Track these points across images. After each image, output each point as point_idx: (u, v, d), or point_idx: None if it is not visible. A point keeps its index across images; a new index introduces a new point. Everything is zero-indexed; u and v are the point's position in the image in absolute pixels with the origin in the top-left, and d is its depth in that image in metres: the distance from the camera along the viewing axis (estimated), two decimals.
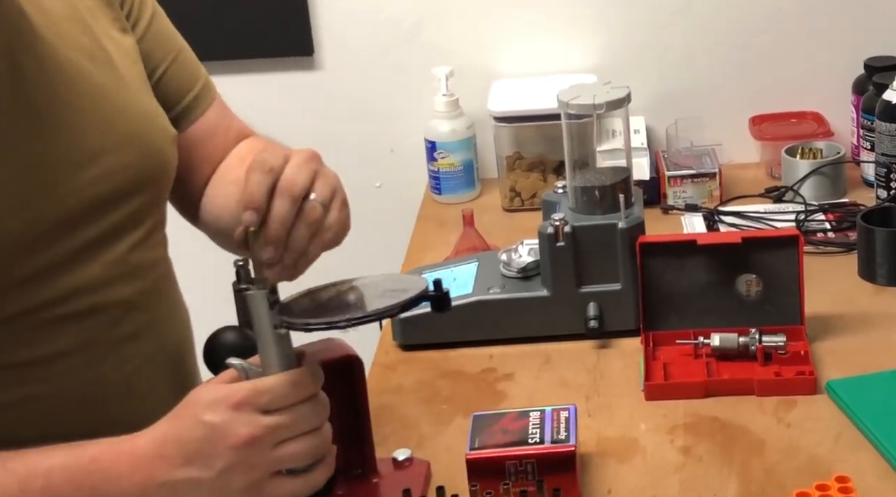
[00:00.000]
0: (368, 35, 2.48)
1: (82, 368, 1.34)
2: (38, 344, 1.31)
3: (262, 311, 1.22)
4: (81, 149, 1.33)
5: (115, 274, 1.37)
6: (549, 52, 2.46)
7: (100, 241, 1.35)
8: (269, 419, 1.20)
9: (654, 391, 1.68)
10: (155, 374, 1.42)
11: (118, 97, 1.39)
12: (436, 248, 2.20)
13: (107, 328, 1.36)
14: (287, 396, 1.20)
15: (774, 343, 1.72)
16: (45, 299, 1.30)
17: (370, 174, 2.54)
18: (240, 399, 1.19)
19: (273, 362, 1.23)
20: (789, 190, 2.26)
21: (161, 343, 1.44)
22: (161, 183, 1.45)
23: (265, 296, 1.22)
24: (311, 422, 1.22)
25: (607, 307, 1.82)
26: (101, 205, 1.35)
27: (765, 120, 2.44)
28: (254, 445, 1.19)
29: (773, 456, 1.54)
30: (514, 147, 2.37)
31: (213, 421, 1.19)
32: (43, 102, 1.31)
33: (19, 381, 1.31)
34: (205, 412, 1.20)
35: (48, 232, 1.30)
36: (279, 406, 1.20)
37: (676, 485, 1.50)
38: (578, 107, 1.83)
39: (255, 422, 1.19)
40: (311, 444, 1.22)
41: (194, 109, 1.55)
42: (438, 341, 1.85)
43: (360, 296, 1.27)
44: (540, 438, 1.45)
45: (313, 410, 1.23)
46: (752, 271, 1.78)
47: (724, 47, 2.43)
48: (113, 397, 1.37)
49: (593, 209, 1.84)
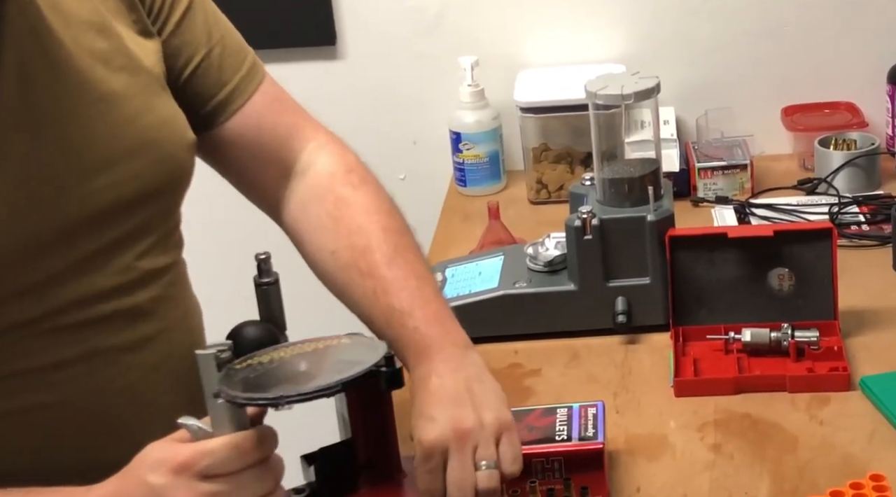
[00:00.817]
0: (392, 24, 2.48)
1: (84, 378, 1.33)
2: (39, 353, 1.30)
3: (209, 372, 1.19)
4: (88, 158, 1.32)
5: (122, 283, 1.36)
6: (577, 41, 2.45)
7: (106, 251, 1.34)
8: (207, 486, 1.16)
9: (683, 387, 1.68)
10: (160, 383, 1.41)
11: (132, 103, 1.37)
12: (461, 241, 2.19)
13: (110, 337, 1.35)
14: (229, 461, 1.17)
15: (807, 338, 1.71)
16: (48, 309, 1.30)
17: (393, 166, 2.54)
18: (179, 462, 1.17)
19: (222, 424, 1.19)
20: (822, 182, 2.25)
21: (168, 350, 1.42)
22: (174, 192, 1.44)
23: (214, 358, 1.19)
24: (255, 489, 1.19)
25: (636, 301, 1.81)
26: (109, 214, 1.34)
27: (797, 110, 2.43)
28: None
29: (806, 454, 1.53)
30: (541, 138, 2.36)
31: (154, 483, 1.17)
32: (50, 111, 1.30)
33: (21, 391, 1.30)
34: (148, 473, 1.18)
35: (51, 242, 1.29)
36: (220, 471, 1.17)
37: (707, 483, 1.50)
38: (606, 97, 1.83)
39: (192, 488, 1.16)
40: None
41: (232, 102, 1.51)
42: None
43: (311, 366, 1.24)
44: (567, 435, 1.45)
45: (259, 477, 1.19)
46: (784, 265, 1.77)
47: (755, 35, 2.42)
48: (116, 407, 1.36)
49: (622, 202, 1.83)
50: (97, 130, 1.33)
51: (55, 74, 1.31)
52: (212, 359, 1.19)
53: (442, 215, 2.38)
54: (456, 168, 2.44)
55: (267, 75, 1.56)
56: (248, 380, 1.21)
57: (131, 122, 1.37)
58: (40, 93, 1.29)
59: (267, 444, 1.20)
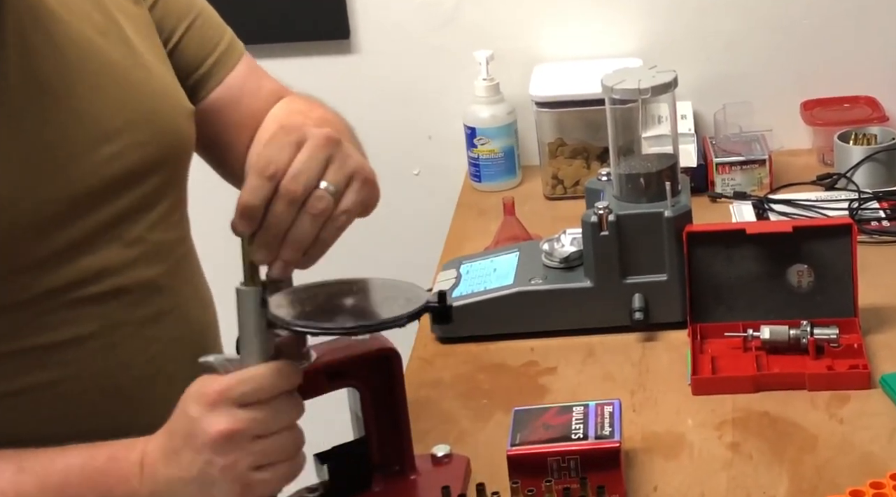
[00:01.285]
0: (407, 18, 2.48)
1: (104, 352, 1.35)
2: (58, 327, 1.32)
3: (251, 308, 1.21)
4: (95, 127, 1.34)
5: (136, 255, 1.38)
6: (593, 35, 2.45)
7: (117, 222, 1.36)
8: (245, 413, 1.19)
9: (701, 385, 1.68)
10: (179, 357, 1.42)
11: (132, 74, 1.39)
12: (475, 237, 2.19)
13: (129, 310, 1.37)
14: (264, 388, 1.20)
15: (827, 336, 1.71)
16: (65, 281, 1.31)
17: (408, 161, 2.54)
18: (217, 390, 1.19)
19: (253, 356, 1.22)
20: (842, 177, 2.24)
21: (185, 325, 1.45)
22: (178, 161, 1.46)
23: (256, 293, 1.21)
24: (289, 417, 1.22)
25: (653, 298, 1.81)
26: (117, 184, 1.35)
27: (817, 104, 2.42)
28: (231, 439, 1.19)
29: (826, 453, 1.53)
30: (557, 133, 2.36)
31: (194, 414, 1.20)
32: (54, 80, 1.31)
33: (41, 366, 1.31)
34: (189, 405, 1.21)
35: (63, 213, 1.30)
36: (255, 398, 1.20)
37: (725, 482, 1.49)
38: (623, 91, 1.82)
39: (231, 415, 1.19)
40: (289, 440, 1.22)
41: (215, 74, 1.54)
42: (478, 334, 1.85)
43: (359, 301, 1.26)
44: (583, 434, 1.45)
45: (290, 405, 1.22)
46: (803, 261, 1.76)
47: (774, 29, 2.41)
48: (137, 380, 1.37)
49: (638, 197, 1.83)
50: (101, 100, 1.35)
51: (55, 47, 1.32)
52: (255, 294, 1.21)
53: (456, 211, 2.38)
54: (471, 163, 2.44)
55: (245, 52, 1.59)
56: (301, 312, 1.22)
57: (133, 92, 1.39)
58: (42, 65, 1.31)
59: (294, 375, 1.23)
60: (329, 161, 1.21)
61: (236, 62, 1.56)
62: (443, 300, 1.26)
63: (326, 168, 1.21)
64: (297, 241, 1.20)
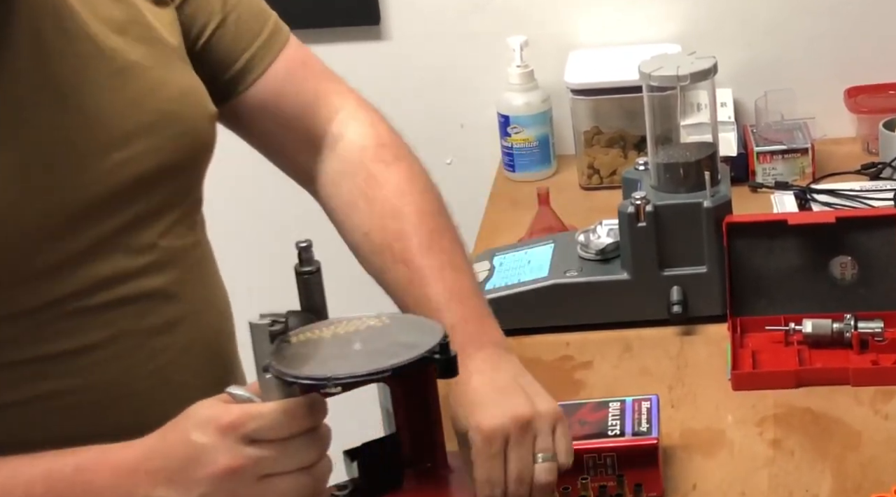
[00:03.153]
0: (438, 2, 2.48)
1: (111, 361, 1.34)
2: (65, 337, 1.31)
3: (261, 342, 1.19)
4: (108, 131, 1.32)
5: (146, 262, 1.36)
6: (630, 20, 2.45)
7: (127, 229, 1.34)
8: (253, 451, 1.16)
9: (742, 380, 1.67)
10: (191, 366, 1.41)
11: (151, 75, 1.37)
12: (509, 228, 2.19)
13: (136, 319, 1.35)
14: (278, 427, 1.16)
15: (871, 329, 1.71)
16: (71, 290, 1.30)
17: (440, 150, 2.54)
18: (227, 422, 1.16)
19: (271, 392, 1.19)
20: (887, 166, 2.23)
21: (197, 333, 1.43)
22: (195, 166, 1.44)
23: (267, 328, 1.19)
24: (302, 458, 1.18)
25: (692, 291, 1.81)
26: (130, 190, 1.34)
27: (861, 92, 2.41)
28: (233, 476, 1.16)
29: (870, 450, 1.52)
30: (593, 121, 2.36)
31: (198, 442, 1.17)
32: (68, 81, 1.30)
33: (47, 375, 1.31)
34: (193, 430, 1.18)
35: (72, 219, 1.29)
36: (267, 436, 1.16)
37: (766, 480, 1.49)
38: (661, 78, 1.82)
39: (237, 451, 1.16)
40: (299, 483, 1.18)
41: (255, 67, 1.51)
42: (512, 327, 1.84)
43: (365, 345, 1.24)
44: (620, 430, 1.45)
45: (307, 445, 1.18)
46: (846, 253, 1.76)
47: (816, 13, 2.40)
48: (145, 391, 1.37)
49: (677, 187, 1.83)
50: (116, 103, 1.33)
51: (70, 45, 1.31)
52: (265, 330, 1.19)
53: (490, 201, 2.38)
54: (504, 152, 2.44)
55: (291, 38, 1.56)
56: (299, 355, 1.21)
57: (151, 94, 1.37)
58: (56, 64, 1.29)
59: (317, 413, 1.19)
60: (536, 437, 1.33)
61: (275, 57, 1.53)
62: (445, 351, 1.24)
63: None
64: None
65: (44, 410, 1.31)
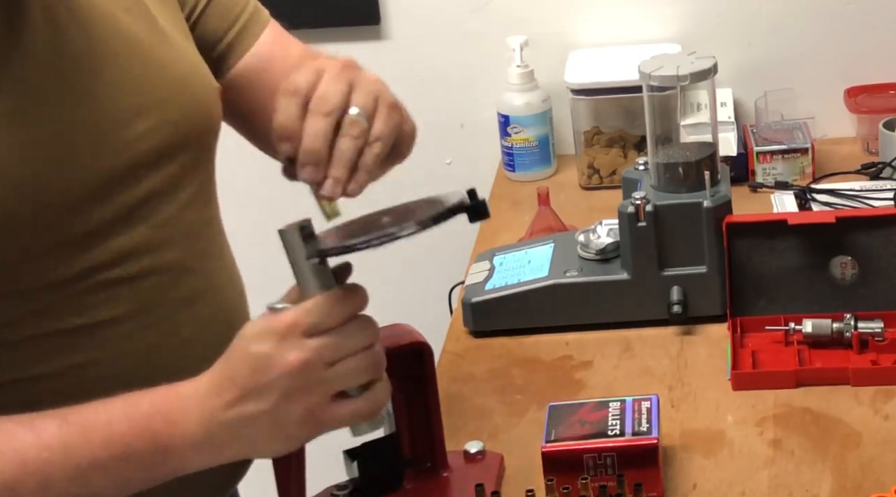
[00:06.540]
0: (437, 2, 2.48)
1: (137, 334, 1.36)
2: (90, 309, 1.33)
3: (295, 244, 1.23)
4: (123, 105, 1.35)
5: (167, 235, 1.39)
6: (630, 20, 2.45)
7: (147, 201, 1.37)
8: (317, 341, 1.21)
9: (742, 380, 1.67)
10: (211, 340, 1.43)
11: (158, 52, 1.40)
12: (509, 228, 2.19)
13: (161, 292, 1.38)
14: (330, 315, 1.22)
15: (871, 329, 1.71)
16: (95, 263, 1.32)
17: (440, 150, 2.54)
18: (285, 325, 1.21)
19: (312, 290, 1.24)
20: (887, 166, 2.23)
21: (218, 307, 1.45)
22: (206, 140, 1.47)
23: (297, 230, 1.23)
24: (361, 339, 1.23)
25: (692, 291, 1.81)
26: (146, 163, 1.36)
27: (861, 91, 2.41)
28: (306, 369, 1.21)
29: (870, 450, 1.52)
30: (593, 121, 2.36)
31: (261, 351, 1.21)
32: (82, 57, 1.32)
33: (73, 348, 1.33)
34: (252, 344, 1.22)
35: (93, 193, 1.31)
36: (324, 326, 1.21)
37: (766, 480, 1.49)
38: (661, 78, 1.82)
39: (302, 345, 1.21)
40: (365, 362, 1.23)
41: (240, 43, 1.55)
42: (512, 327, 1.85)
43: (394, 218, 1.26)
44: (620, 430, 1.45)
45: (360, 328, 1.24)
46: (847, 253, 1.76)
47: (816, 13, 2.41)
48: (169, 364, 1.38)
49: (677, 187, 1.83)
50: (130, 77, 1.36)
51: (82, 22, 1.33)
52: (296, 231, 1.23)
53: (490, 201, 2.37)
54: (504, 152, 2.44)
55: (272, 22, 1.60)
56: (332, 238, 1.25)
57: (161, 70, 1.40)
58: (69, 41, 1.32)
59: (360, 297, 1.24)
60: (352, 86, 1.27)
61: (262, 30, 1.57)
62: (474, 197, 1.26)
63: (351, 93, 1.26)
64: (341, 157, 1.24)
65: (75, 382, 1.33)
